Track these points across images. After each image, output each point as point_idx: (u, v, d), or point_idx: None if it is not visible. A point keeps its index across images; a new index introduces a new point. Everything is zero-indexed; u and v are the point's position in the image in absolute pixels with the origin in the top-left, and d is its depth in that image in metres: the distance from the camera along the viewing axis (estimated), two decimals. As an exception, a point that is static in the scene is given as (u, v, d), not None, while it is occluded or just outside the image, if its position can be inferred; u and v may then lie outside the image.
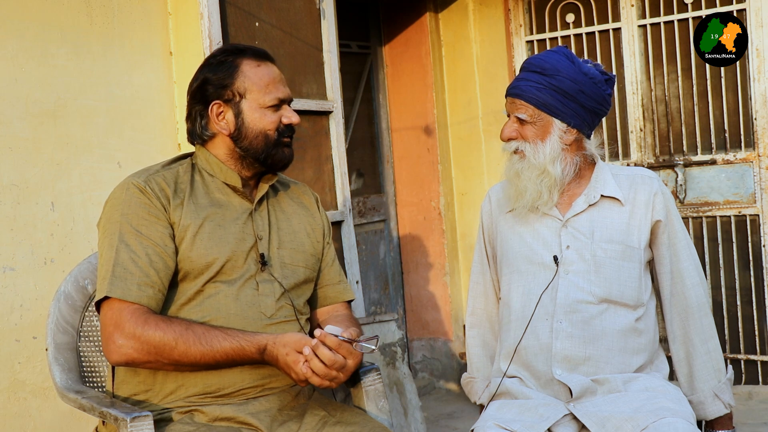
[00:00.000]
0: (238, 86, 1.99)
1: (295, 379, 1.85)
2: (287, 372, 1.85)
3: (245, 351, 1.87)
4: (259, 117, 2.00)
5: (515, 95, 2.20)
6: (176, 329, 1.86)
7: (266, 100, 2.00)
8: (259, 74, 2.01)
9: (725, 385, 2.25)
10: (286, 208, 2.15)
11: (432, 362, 4.90)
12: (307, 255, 2.12)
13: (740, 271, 4.24)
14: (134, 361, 1.88)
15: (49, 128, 2.76)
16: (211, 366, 1.89)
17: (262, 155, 2.01)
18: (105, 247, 1.93)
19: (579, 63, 2.17)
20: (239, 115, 2.00)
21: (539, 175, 2.18)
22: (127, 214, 1.92)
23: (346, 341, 1.84)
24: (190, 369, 1.90)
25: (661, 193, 2.22)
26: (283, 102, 2.03)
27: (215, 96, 2.01)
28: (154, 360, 1.87)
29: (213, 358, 1.86)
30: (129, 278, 1.88)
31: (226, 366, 1.90)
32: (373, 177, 4.94)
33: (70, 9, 2.83)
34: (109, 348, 1.87)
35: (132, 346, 1.85)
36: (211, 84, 2.01)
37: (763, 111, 4.08)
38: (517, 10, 4.65)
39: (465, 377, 2.47)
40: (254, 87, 2.00)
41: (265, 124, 2.01)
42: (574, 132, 2.20)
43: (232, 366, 1.91)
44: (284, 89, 2.04)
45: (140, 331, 1.84)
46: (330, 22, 3.53)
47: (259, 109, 2.00)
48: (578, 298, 2.15)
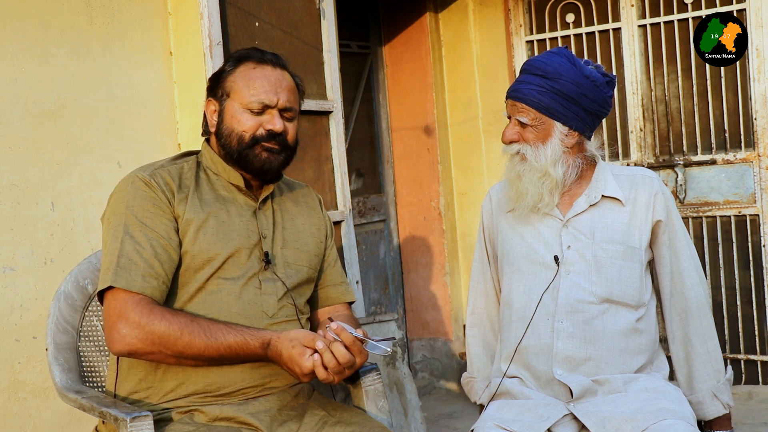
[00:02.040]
0: (228, 85, 2.01)
1: (299, 374, 1.83)
2: (290, 367, 1.83)
3: (249, 345, 1.86)
4: (237, 117, 1.99)
5: (516, 98, 2.19)
6: (181, 320, 1.85)
7: (248, 101, 1.98)
8: (249, 75, 2.00)
9: (724, 386, 2.25)
10: (290, 208, 2.15)
11: (432, 362, 4.90)
12: (310, 255, 2.12)
13: (740, 271, 4.24)
14: (137, 352, 1.86)
15: (49, 128, 2.76)
16: (214, 360, 1.88)
17: (235, 155, 1.99)
18: (109, 238, 1.93)
19: (581, 65, 2.17)
20: (222, 113, 2.01)
21: (540, 178, 2.18)
22: (132, 206, 1.92)
23: (360, 339, 1.83)
24: (192, 362, 1.89)
25: (661, 193, 2.22)
26: (267, 107, 1.99)
27: (210, 93, 2.04)
28: (157, 351, 1.85)
29: (216, 350, 1.85)
30: (133, 269, 1.87)
31: (229, 361, 1.89)
32: (373, 177, 4.94)
33: (70, 9, 2.83)
34: (113, 337, 1.85)
35: (136, 336, 1.84)
36: (212, 80, 2.05)
37: (763, 111, 4.08)
38: (517, 10, 4.65)
39: (465, 377, 2.47)
40: (240, 87, 1.99)
41: (240, 125, 1.98)
42: (575, 135, 2.19)
43: (235, 361, 1.90)
44: (273, 96, 1.99)
45: (145, 320, 1.83)
46: (330, 22, 3.53)
47: (238, 109, 1.99)
48: (580, 297, 2.15)
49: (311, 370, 1.80)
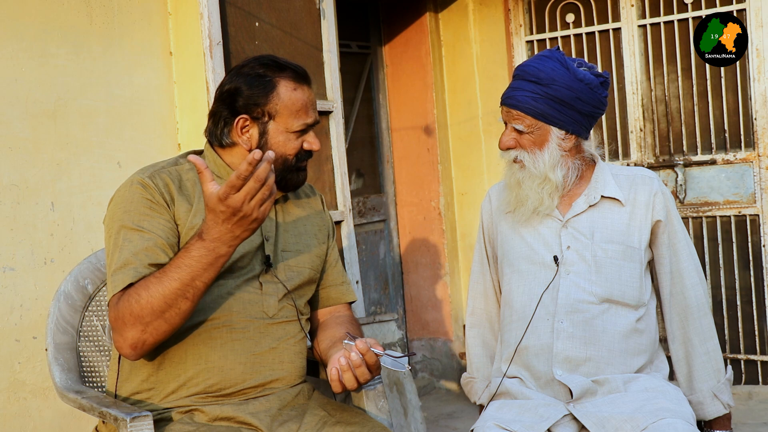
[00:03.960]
0: (270, 107, 1.96)
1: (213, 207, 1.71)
2: (215, 219, 1.73)
3: (191, 253, 1.77)
4: (283, 141, 1.98)
5: (511, 105, 2.18)
6: (137, 289, 1.80)
7: (294, 125, 1.98)
8: (293, 98, 1.97)
9: (724, 386, 2.25)
10: (293, 210, 2.14)
11: (432, 362, 4.90)
12: (312, 256, 2.12)
13: (740, 271, 4.24)
14: (137, 342, 1.82)
15: (49, 128, 2.76)
16: (188, 294, 1.78)
17: (277, 177, 1.96)
18: (110, 246, 1.93)
19: (573, 69, 2.15)
20: (264, 135, 1.98)
21: (540, 184, 2.18)
22: (130, 210, 1.92)
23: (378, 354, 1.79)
24: (179, 311, 1.80)
25: (661, 193, 2.22)
26: (309, 127, 2.01)
27: (244, 110, 1.97)
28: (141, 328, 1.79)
29: (178, 284, 1.77)
30: (130, 273, 1.87)
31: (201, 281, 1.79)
32: (373, 177, 4.94)
33: (70, 9, 2.83)
34: (119, 344, 1.84)
35: (124, 330, 1.81)
36: (242, 96, 1.96)
37: (763, 111, 4.08)
38: (517, 10, 4.65)
39: (465, 377, 2.47)
40: (285, 111, 1.97)
41: (287, 149, 1.98)
42: (572, 137, 2.19)
43: (205, 277, 1.79)
44: (314, 114, 2.01)
45: (114, 313, 1.80)
46: (330, 22, 3.53)
47: (284, 133, 1.98)
48: (580, 297, 2.15)
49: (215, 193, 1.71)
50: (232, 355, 1.94)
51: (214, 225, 1.75)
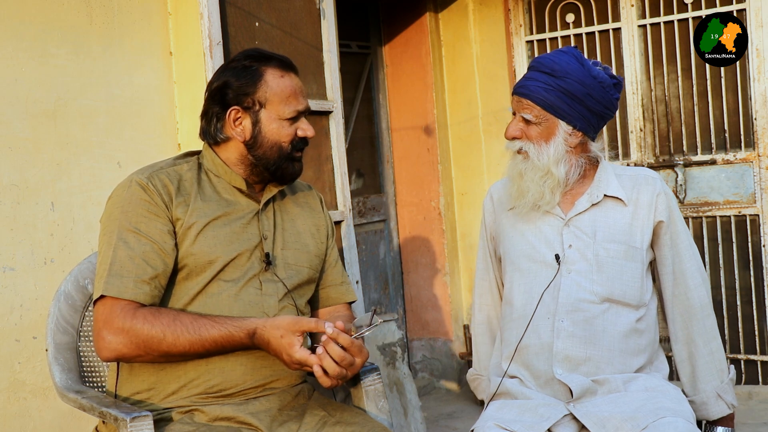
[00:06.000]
0: (260, 95, 1.99)
1: (287, 362, 1.84)
2: (279, 355, 1.84)
3: (234, 337, 1.86)
4: (276, 128, 2.00)
5: (522, 94, 2.19)
6: (164, 321, 1.86)
7: (286, 111, 2.00)
8: (281, 85, 2.00)
9: (728, 386, 2.25)
10: (291, 209, 2.15)
11: (432, 362, 4.90)
12: (311, 256, 2.12)
13: (740, 271, 4.24)
14: (124, 356, 1.88)
15: (49, 128, 2.75)
16: (201, 355, 1.89)
17: (273, 166, 2.01)
18: (104, 244, 1.93)
19: (588, 66, 2.17)
20: (257, 123, 2.00)
21: (542, 177, 2.18)
22: (128, 211, 1.92)
23: (358, 337, 1.84)
24: (181, 359, 1.90)
25: (663, 193, 2.22)
26: (301, 114, 2.03)
27: (235, 101, 1.99)
28: (143, 353, 1.87)
29: (202, 346, 1.86)
30: (125, 275, 1.88)
31: (217, 353, 1.90)
32: (373, 177, 4.94)
33: (70, 9, 2.83)
34: (99, 345, 1.88)
35: (120, 341, 1.85)
36: (232, 88, 1.99)
37: (763, 111, 4.08)
38: (517, 10, 4.65)
39: (471, 374, 2.46)
40: (275, 98, 1.99)
41: (281, 136, 2.00)
42: (579, 135, 2.19)
43: (223, 353, 1.90)
44: (304, 101, 2.03)
45: (129, 324, 1.85)
46: (330, 22, 3.52)
47: (277, 120, 2.00)
48: (580, 297, 2.15)
49: (300, 360, 1.81)
50: (232, 356, 1.93)
51: (271, 349, 1.85)
